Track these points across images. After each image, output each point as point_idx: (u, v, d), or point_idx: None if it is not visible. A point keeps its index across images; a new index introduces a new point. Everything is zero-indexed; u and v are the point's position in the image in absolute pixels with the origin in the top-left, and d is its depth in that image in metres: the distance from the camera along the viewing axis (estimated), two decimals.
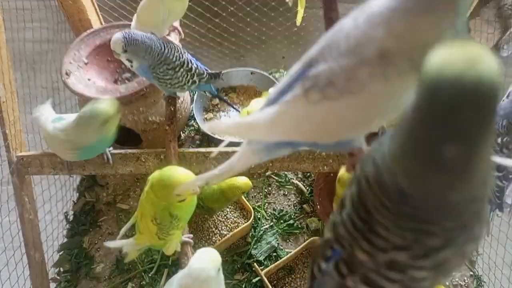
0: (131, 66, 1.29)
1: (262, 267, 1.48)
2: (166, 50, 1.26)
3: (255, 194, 1.72)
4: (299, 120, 0.69)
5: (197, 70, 1.34)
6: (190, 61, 1.33)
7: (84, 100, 1.58)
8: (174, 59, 1.28)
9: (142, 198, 1.11)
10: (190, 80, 1.33)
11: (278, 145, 0.77)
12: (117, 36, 1.21)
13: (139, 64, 1.27)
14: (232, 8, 2.08)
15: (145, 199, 1.09)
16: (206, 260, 0.94)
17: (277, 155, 0.82)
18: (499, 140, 1.14)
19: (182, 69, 1.30)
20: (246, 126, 0.74)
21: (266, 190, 1.73)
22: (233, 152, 1.28)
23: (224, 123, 0.78)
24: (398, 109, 0.66)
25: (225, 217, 1.58)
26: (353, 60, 0.62)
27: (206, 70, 1.38)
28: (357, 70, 0.62)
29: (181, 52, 1.31)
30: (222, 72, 1.45)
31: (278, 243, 1.57)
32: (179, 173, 1.02)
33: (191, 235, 1.30)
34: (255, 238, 1.57)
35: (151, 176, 1.08)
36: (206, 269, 0.92)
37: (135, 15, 1.41)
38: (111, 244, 1.20)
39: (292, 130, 0.71)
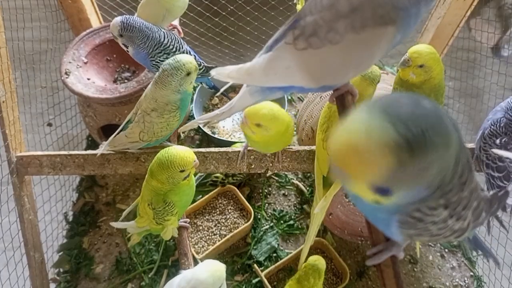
0: (127, 51, 1.30)
1: (262, 268, 1.48)
2: (166, 40, 1.28)
3: (255, 194, 1.72)
4: (288, 65, 0.79)
5: None
6: (189, 52, 1.34)
7: (83, 99, 1.58)
8: (174, 49, 1.29)
9: (143, 184, 1.14)
10: None
11: (271, 89, 0.86)
12: (116, 19, 1.23)
13: (135, 50, 1.28)
14: (231, 7, 2.07)
15: (144, 186, 1.13)
16: (209, 273, 0.95)
17: (270, 97, 0.90)
18: (497, 141, 1.13)
19: None
20: (245, 71, 0.82)
21: (266, 191, 1.73)
22: (233, 152, 1.30)
23: (227, 69, 0.84)
24: (370, 62, 0.78)
25: (225, 218, 1.58)
26: (333, 14, 0.73)
27: (202, 63, 1.39)
28: (335, 22, 0.72)
29: (181, 43, 1.33)
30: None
31: (278, 244, 1.56)
32: (177, 150, 1.03)
33: (188, 220, 1.33)
34: (255, 239, 1.56)
35: (151, 165, 1.08)
36: (205, 282, 0.94)
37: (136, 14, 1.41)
38: (116, 224, 1.22)
39: (283, 75, 0.80)
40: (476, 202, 0.65)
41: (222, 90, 1.16)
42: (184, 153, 1.02)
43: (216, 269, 0.97)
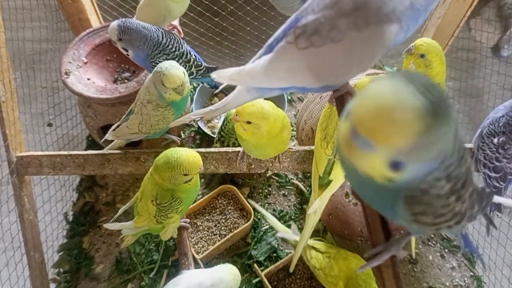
0: (127, 55, 1.30)
1: (262, 268, 1.47)
2: (165, 40, 1.27)
3: (255, 194, 1.72)
4: (290, 65, 0.78)
5: (195, 62, 1.35)
6: (190, 52, 1.34)
7: (83, 100, 1.58)
8: (174, 49, 1.29)
9: (145, 179, 1.13)
10: (188, 71, 1.33)
11: (270, 87, 0.85)
12: (113, 24, 1.24)
13: (135, 53, 1.28)
14: (231, 7, 2.07)
15: (148, 180, 1.11)
16: (232, 276, 1.07)
17: (267, 95, 0.89)
18: (495, 140, 1.13)
19: (181, 60, 1.31)
20: (246, 73, 0.82)
21: (266, 191, 1.73)
22: (233, 152, 1.30)
23: (228, 71, 0.83)
24: (372, 60, 0.76)
25: (225, 218, 1.58)
26: (335, 12, 0.72)
27: (203, 63, 1.39)
28: (337, 21, 0.72)
29: (180, 43, 1.32)
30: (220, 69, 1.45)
31: (278, 244, 1.56)
32: (186, 152, 1.03)
33: (188, 220, 1.32)
34: (255, 239, 1.56)
35: (157, 159, 1.08)
36: (227, 283, 1.05)
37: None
38: (111, 226, 1.21)
39: (285, 75, 0.80)
40: (471, 187, 0.66)
41: (220, 87, 1.16)
42: (193, 157, 1.02)
43: (236, 273, 1.08)
